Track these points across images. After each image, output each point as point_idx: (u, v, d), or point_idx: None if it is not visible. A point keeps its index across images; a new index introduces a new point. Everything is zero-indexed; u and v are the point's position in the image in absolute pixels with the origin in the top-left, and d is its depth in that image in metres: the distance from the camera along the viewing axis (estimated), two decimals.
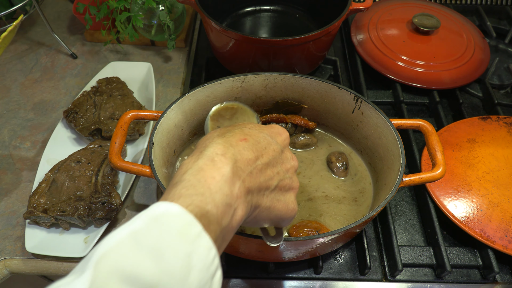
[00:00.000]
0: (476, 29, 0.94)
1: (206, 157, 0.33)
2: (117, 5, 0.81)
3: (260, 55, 0.74)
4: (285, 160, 0.40)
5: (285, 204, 0.39)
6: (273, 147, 0.38)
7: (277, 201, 0.38)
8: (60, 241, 0.60)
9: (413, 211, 0.68)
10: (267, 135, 0.39)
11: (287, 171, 0.39)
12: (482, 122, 0.75)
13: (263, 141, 0.37)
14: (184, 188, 0.30)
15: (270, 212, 0.37)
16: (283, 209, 0.38)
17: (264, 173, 0.36)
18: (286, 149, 0.41)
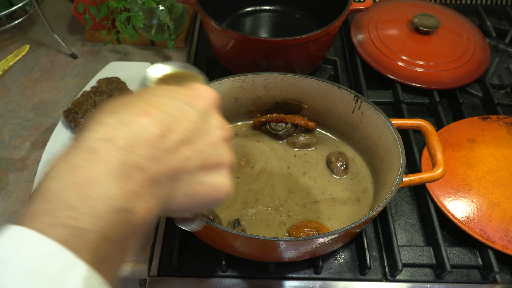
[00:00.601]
0: (476, 29, 0.94)
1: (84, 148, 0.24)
2: (117, 5, 0.81)
3: (260, 55, 0.74)
4: (210, 131, 0.31)
5: (212, 186, 0.30)
6: (190, 117, 0.29)
7: (200, 184, 0.30)
8: None
9: (413, 211, 0.68)
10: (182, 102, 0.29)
11: (213, 145, 0.31)
12: (482, 122, 0.75)
13: (174, 111, 0.28)
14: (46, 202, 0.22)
15: (192, 199, 0.29)
16: (210, 193, 0.30)
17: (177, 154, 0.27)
18: (211, 116, 0.32)
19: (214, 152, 0.31)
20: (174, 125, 0.27)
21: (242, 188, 0.65)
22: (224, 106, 0.68)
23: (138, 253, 0.61)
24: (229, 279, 0.59)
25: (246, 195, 0.64)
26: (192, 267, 0.60)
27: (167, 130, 0.27)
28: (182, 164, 0.28)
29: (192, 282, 0.59)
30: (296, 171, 0.67)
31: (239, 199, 0.63)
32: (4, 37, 0.95)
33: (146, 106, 0.27)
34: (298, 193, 0.64)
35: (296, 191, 0.65)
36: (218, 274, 0.60)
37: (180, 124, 0.28)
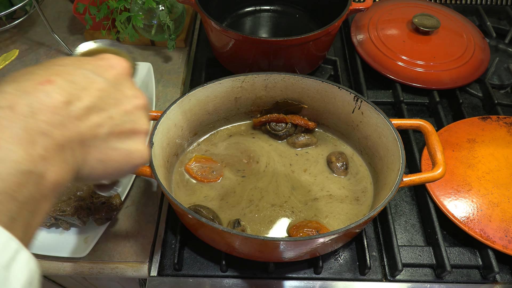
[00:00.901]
0: (476, 29, 0.94)
1: None
2: (117, 5, 0.81)
3: (260, 55, 0.74)
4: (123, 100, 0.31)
5: (126, 152, 0.31)
6: (98, 86, 0.30)
7: (114, 150, 0.31)
8: (60, 241, 0.60)
9: (413, 211, 0.68)
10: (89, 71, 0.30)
11: (127, 113, 0.32)
12: (482, 122, 0.75)
13: (81, 80, 0.29)
14: None
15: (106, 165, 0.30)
16: (124, 159, 0.31)
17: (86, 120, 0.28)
18: (124, 86, 0.32)
19: (128, 119, 0.31)
20: (80, 92, 0.28)
21: (248, 186, 0.65)
22: (224, 106, 0.69)
23: (138, 253, 0.61)
24: (229, 279, 0.59)
25: (252, 193, 0.64)
26: (192, 267, 0.60)
27: (73, 97, 0.27)
28: (91, 131, 0.29)
29: (192, 282, 0.59)
30: (298, 168, 0.67)
31: (245, 197, 0.63)
32: (4, 37, 0.95)
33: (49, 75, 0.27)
34: (300, 190, 0.64)
35: (299, 187, 0.65)
36: (218, 274, 0.60)
37: (88, 92, 0.29)
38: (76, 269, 0.61)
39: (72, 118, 0.27)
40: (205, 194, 0.64)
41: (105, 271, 0.61)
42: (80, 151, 0.28)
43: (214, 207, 0.62)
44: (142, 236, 0.63)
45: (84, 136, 0.28)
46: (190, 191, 0.64)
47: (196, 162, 0.67)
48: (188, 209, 0.49)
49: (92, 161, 0.30)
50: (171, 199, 0.50)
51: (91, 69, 0.30)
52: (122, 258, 0.61)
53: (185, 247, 0.63)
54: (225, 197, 0.64)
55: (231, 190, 0.65)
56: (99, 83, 0.30)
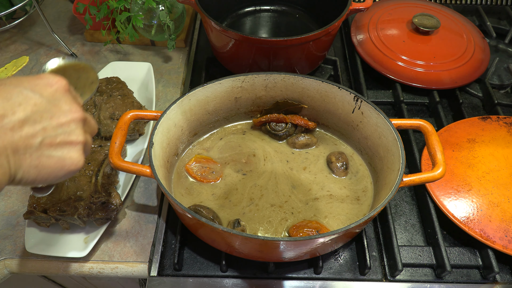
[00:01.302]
0: (476, 29, 0.94)
1: None
2: (117, 5, 0.81)
3: (260, 55, 0.74)
4: (58, 113, 0.36)
5: (59, 160, 0.36)
6: (33, 101, 0.34)
7: (47, 158, 0.35)
8: (60, 241, 0.60)
9: (413, 211, 0.68)
10: (26, 89, 0.34)
11: (61, 125, 0.36)
12: (482, 122, 0.75)
13: (16, 96, 0.33)
14: None
15: (39, 171, 0.35)
16: (57, 165, 0.36)
17: (19, 131, 0.33)
18: (60, 101, 0.37)
19: (62, 131, 0.36)
20: (16, 107, 0.33)
21: (248, 184, 0.65)
22: (224, 106, 0.69)
23: (138, 253, 0.61)
24: (229, 279, 0.59)
25: (252, 191, 0.64)
26: (192, 267, 0.60)
27: (7, 112, 0.32)
28: (25, 140, 0.33)
29: (192, 282, 0.59)
30: (297, 166, 0.68)
31: (246, 195, 0.63)
32: (4, 37, 0.95)
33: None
34: (301, 188, 0.65)
35: (299, 186, 0.65)
36: (218, 274, 0.60)
37: (22, 107, 0.33)
38: (76, 269, 0.61)
39: (5, 129, 0.32)
40: (205, 194, 0.64)
41: (105, 271, 0.61)
42: (14, 158, 0.33)
43: (214, 207, 0.62)
44: (142, 236, 0.63)
45: (17, 145, 0.33)
46: (190, 191, 0.64)
47: (196, 162, 0.67)
48: (188, 209, 0.49)
49: (27, 167, 0.34)
50: (171, 199, 0.50)
51: (29, 87, 0.35)
52: (122, 258, 0.61)
53: (185, 247, 0.63)
54: (225, 197, 0.64)
55: (231, 189, 0.65)
56: (34, 99, 0.34)
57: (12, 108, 0.33)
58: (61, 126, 0.36)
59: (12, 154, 0.32)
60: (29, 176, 0.35)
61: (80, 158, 0.38)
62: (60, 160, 0.36)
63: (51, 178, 0.36)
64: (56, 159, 0.36)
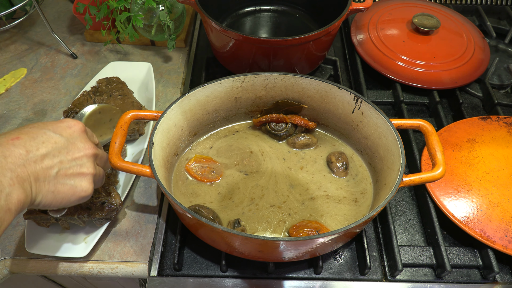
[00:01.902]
0: (476, 29, 0.94)
1: None
2: (117, 5, 0.81)
3: (260, 55, 0.74)
4: (74, 150, 0.45)
5: (72, 187, 0.44)
6: (54, 140, 0.43)
7: (62, 185, 0.43)
8: (60, 241, 0.60)
9: (413, 211, 0.68)
10: (49, 131, 0.44)
11: (75, 160, 0.45)
12: (482, 122, 0.75)
13: (41, 136, 0.42)
14: None
15: (55, 196, 0.42)
16: (70, 192, 0.44)
17: (41, 163, 0.41)
18: (77, 140, 0.46)
19: (75, 164, 0.45)
20: (39, 145, 0.42)
21: (249, 184, 0.65)
22: (224, 106, 0.69)
23: (138, 253, 0.61)
24: (229, 279, 0.59)
25: (253, 191, 0.64)
26: (192, 267, 0.60)
27: (33, 148, 0.41)
28: (45, 171, 0.41)
29: (192, 282, 0.59)
30: (296, 165, 0.68)
31: (247, 195, 0.64)
32: (4, 37, 0.95)
33: (19, 134, 0.42)
34: (298, 188, 0.65)
35: (297, 185, 0.65)
36: (218, 274, 0.60)
37: (45, 145, 0.42)
38: (76, 269, 0.61)
39: (30, 162, 0.40)
40: (205, 194, 0.64)
41: (105, 271, 0.61)
42: (36, 185, 0.40)
43: (214, 207, 0.62)
44: (142, 236, 0.63)
45: (38, 174, 0.41)
46: (190, 191, 0.64)
47: (196, 162, 0.67)
48: (188, 209, 0.49)
49: (45, 192, 0.42)
50: (171, 199, 0.50)
51: (52, 129, 0.44)
52: (122, 258, 0.61)
53: (185, 247, 0.63)
54: (225, 197, 0.64)
55: (231, 189, 0.65)
56: (55, 138, 0.43)
57: (37, 145, 0.41)
58: (75, 160, 0.45)
59: (34, 182, 0.40)
60: (47, 200, 0.42)
61: (89, 186, 0.46)
62: (73, 188, 0.44)
63: (64, 202, 0.44)
64: (69, 187, 0.44)
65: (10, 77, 0.67)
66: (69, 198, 0.44)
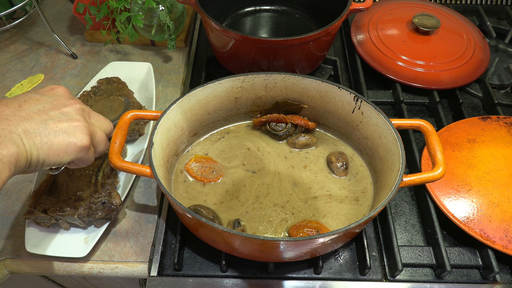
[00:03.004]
0: (476, 29, 0.94)
1: None
2: (117, 5, 0.81)
3: (260, 55, 0.74)
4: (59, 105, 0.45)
5: (66, 137, 0.43)
6: (36, 98, 0.44)
7: (55, 136, 0.43)
8: (60, 241, 0.60)
9: (413, 211, 0.68)
10: (30, 92, 0.45)
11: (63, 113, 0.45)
12: (482, 122, 0.75)
13: (22, 97, 0.44)
14: None
15: (51, 147, 0.42)
16: (65, 142, 0.43)
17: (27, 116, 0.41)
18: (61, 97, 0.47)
19: (64, 116, 0.44)
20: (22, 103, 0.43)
21: (250, 183, 0.65)
22: (224, 106, 0.69)
23: (138, 253, 0.61)
24: (229, 279, 0.59)
25: (259, 189, 0.64)
26: (192, 267, 0.60)
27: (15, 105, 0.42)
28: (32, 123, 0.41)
29: (192, 282, 0.59)
30: (298, 165, 0.68)
31: (251, 194, 0.64)
32: (4, 37, 0.95)
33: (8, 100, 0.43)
34: (302, 186, 0.65)
35: (300, 183, 0.65)
36: (218, 274, 0.60)
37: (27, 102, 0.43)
38: (76, 269, 0.61)
39: (14, 115, 0.41)
40: (205, 194, 0.64)
41: (105, 271, 0.61)
42: (26, 136, 0.40)
43: (214, 207, 0.62)
44: (142, 236, 0.63)
45: (26, 126, 0.41)
46: (190, 191, 0.64)
47: (196, 162, 0.67)
48: (188, 209, 0.49)
49: (39, 143, 0.41)
50: (171, 199, 0.50)
51: (33, 92, 0.46)
52: (122, 258, 0.61)
53: (185, 247, 0.63)
54: (225, 196, 0.64)
55: (231, 189, 0.65)
56: (37, 97, 0.45)
57: (19, 103, 0.42)
58: (63, 113, 0.44)
59: (24, 134, 0.40)
60: (43, 153, 0.42)
61: (84, 137, 0.45)
62: (67, 138, 0.43)
63: (62, 155, 0.43)
64: (63, 137, 0.43)
65: (27, 82, 0.68)
66: (65, 149, 0.43)
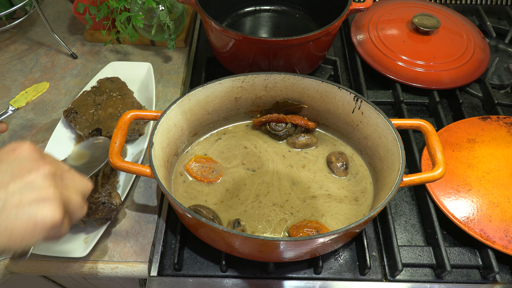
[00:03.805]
0: (476, 29, 0.94)
1: None
2: (117, 5, 0.81)
3: (260, 55, 0.74)
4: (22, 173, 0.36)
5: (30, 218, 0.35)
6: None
7: (16, 219, 0.34)
8: (60, 241, 0.60)
9: (413, 211, 0.68)
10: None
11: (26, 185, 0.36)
12: (482, 122, 0.75)
13: None
14: None
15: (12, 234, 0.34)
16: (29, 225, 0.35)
17: None
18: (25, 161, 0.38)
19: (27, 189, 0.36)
20: None
21: (250, 182, 0.65)
22: (224, 106, 0.69)
23: (138, 253, 0.61)
24: (229, 279, 0.59)
25: (259, 187, 0.65)
26: (192, 267, 0.60)
27: None
28: None
29: (192, 282, 0.59)
30: (296, 164, 0.68)
31: (249, 194, 0.64)
32: (4, 37, 0.95)
33: None
34: (300, 185, 0.65)
35: (299, 182, 0.65)
36: (218, 274, 0.60)
37: None
38: (76, 269, 0.61)
39: None
40: (205, 194, 0.64)
41: (105, 271, 0.61)
42: None
43: (215, 206, 0.62)
44: (142, 236, 0.63)
45: None
46: (190, 191, 0.64)
47: (196, 162, 0.67)
48: (188, 209, 0.49)
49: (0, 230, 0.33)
50: (171, 199, 0.50)
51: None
52: (122, 258, 0.61)
53: (185, 247, 0.63)
54: (225, 196, 0.64)
55: (231, 188, 0.65)
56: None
57: None
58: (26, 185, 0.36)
59: None
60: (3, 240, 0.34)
61: (55, 211, 0.36)
62: (31, 218, 0.35)
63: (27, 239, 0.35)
64: (26, 218, 0.35)
65: (32, 90, 0.68)
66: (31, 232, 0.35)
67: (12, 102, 0.66)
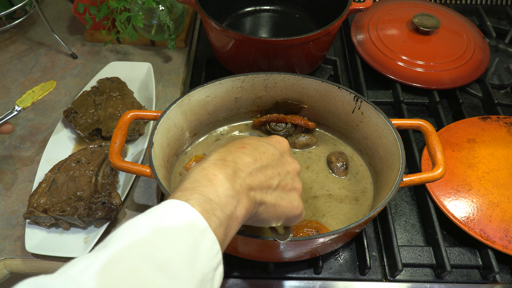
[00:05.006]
0: (476, 29, 0.94)
1: (209, 161, 0.38)
2: (117, 5, 0.81)
3: (260, 55, 0.74)
4: (286, 163, 0.44)
5: (289, 202, 0.42)
6: (271, 152, 0.43)
7: (281, 199, 0.41)
8: (60, 241, 0.60)
9: (413, 211, 0.68)
10: (265, 143, 0.44)
11: (288, 173, 0.43)
12: (482, 122, 0.75)
13: (261, 147, 0.42)
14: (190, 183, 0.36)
15: (276, 209, 0.41)
16: (288, 207, 0.42)
17: (264, 173, 0.40)
18: (286, 154, 0.45)
19: (290, 178, 0.43)
20: (261, 155, 0.41)
21: None
22: (224, 106, 0.69)
23: None
24: (229, 279, 0.59)
25: None
26: None
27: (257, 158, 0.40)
28: (267, 181, 0.40)
29: None
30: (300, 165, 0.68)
31: None
32: (4, 37, 0.95)
33: (243, 144, 0.42)
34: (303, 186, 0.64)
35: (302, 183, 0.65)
36: None
37: (266, 155, 0.42)
38: None
39: (256, 170, 0.39)
40: None
41: None
42: (259, 194, 0.39)
43: None
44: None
45: (262, 184, 0.39)
46: None
47: (196, 162, 0.67)
48: None
49: (268, 203, 0.40)
50: None
51: (267, 142, 0.44)
52: None
53: None
54: None
55: None
56: (272, 150, 0.43)
57: (260, 155, 0.41)
58: (288, 173, 0.43)
59: (259, 191, 0.39)
60: (268, 213, 0.41)
61: (301, 204, 0.44)
62: (290, 203, 0.42)
63: (282, 218, 0.42)
64: (287, 201, 0.42)
65: (38, 90, 0.67)
66: (287, 213, 0.42)
67: (18, 102, 0.66)
